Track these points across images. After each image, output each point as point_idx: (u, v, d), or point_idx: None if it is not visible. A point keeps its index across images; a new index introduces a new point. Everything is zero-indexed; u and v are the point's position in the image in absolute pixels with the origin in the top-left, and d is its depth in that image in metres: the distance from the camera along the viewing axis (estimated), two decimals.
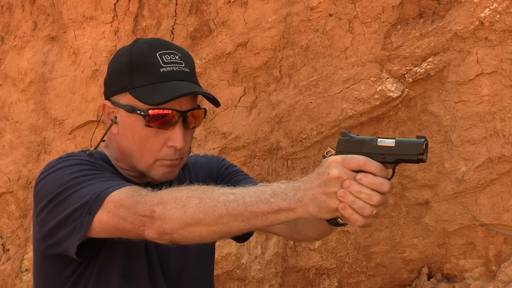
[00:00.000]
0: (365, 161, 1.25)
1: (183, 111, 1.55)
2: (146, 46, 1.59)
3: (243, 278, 2.38)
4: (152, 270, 1.61)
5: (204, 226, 1.33)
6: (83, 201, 1.43)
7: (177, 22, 2.55)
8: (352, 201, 1.23)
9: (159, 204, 1.36)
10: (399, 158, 1.28)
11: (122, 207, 1.39)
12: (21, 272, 2.98)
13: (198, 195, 1.34)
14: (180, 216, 1.33)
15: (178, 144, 1.56)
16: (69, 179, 1.48)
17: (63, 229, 1.47)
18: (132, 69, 1.57)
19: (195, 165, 1.83)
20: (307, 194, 1.26)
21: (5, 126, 3.10)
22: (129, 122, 1.57)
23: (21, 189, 3.03)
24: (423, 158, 1.27)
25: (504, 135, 1.88)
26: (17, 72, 3.06)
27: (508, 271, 1.91)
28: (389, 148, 1.28)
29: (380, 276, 2.15)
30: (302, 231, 1.66)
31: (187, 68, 1.60)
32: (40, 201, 1.53)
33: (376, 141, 1.29)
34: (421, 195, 2.04)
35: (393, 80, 2.03)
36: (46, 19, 2.98)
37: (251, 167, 2.35)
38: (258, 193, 1.30)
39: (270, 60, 2.30)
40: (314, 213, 1.26)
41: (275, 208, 1.28)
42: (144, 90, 1.54)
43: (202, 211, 1.32)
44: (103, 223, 1.42)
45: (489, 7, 1.88)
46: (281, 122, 2.25)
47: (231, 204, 1.30)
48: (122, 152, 1.62)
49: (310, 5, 2.19)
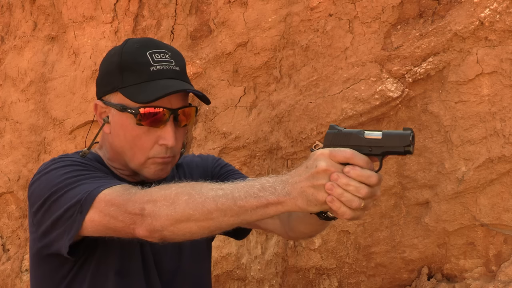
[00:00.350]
0: (352, 154, 1.26)
1: (173, 109, 1.56)
2: (136, 46, 1.61)
3: (243, 278, 2.38)
4: (147, 269, 1.62)
5: (194, 222, 1.33)
6: (74, 200, 1.44)
7: (177, 22, 2.55)
8: (340, 193, 1.23)
9: (149, 202, 1.36)
10: (386, 150, 1.28)
11: (113, 206, 1.40)
12: (21, 272, 2.98)
13: (187, 191, 1.35)
14: (170, 213, 1.34)
15: (169, 142, 1.56)
16: (61, 180, 1.49)
17: (56, 229, 1.48)
18: (122, 69, 1.58)
19: (190, 164, 1.83)
20: (295, 188, 1.27)
21: (5, 126, 3.10)
22: (121, 121, 1.58)
23: (21, 189, 3.03)
24: (410, 149, 1.27)
25: (504, 135, 1.88)
26: (17, 72, 3.06)
27: (508, 271, 1.91)
28: (376, 141, 1.29)
29: (380, 276, 2.15)
30: (295, 228, 1.67)
31: (177, 66, 1.60)
32: (34, 202, 1.54)
33: (363, 133, 1.30)
34: (421, 195, 2.04)
35: (393, 80, 2.03)
36: (46, 19, 2.98)
37: (251, 167, 2.35)
38: (247, 188, 1.31)
39: (270, 60, 2.30)
40: (303, 206, 1.27)
41: (264, 202, 1.28)
42: (134, 88, 1.55)
43: (192, 207, 1.33)
44: (95, 222, 1.42)
45: (489, 7, 1.88)
46: (281, 122, 2.25)
47: (220, 199, 1.31)
48: (114, 151, 1.63)
49: (310, 5, 2.19)
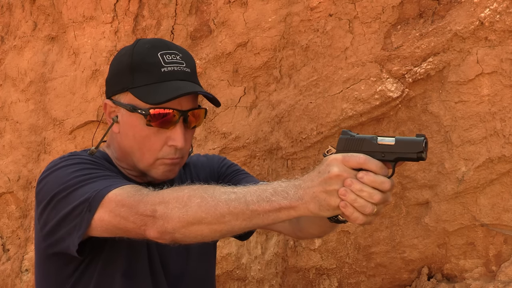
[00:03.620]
0: (366, 159, 1.26)
1: (183, 111, 1.56)
2: (147, 46, 1.60)
3: (243, 278, 2.38)
4: (153, 270, 1.62)
5: (206, 225, 1.33)
6: (83, 198, 1.44)
7: (177, 22, 2.55)
8: (353, 199, 1.23)
9: (161, 203, 1.36)
10: (399, 156, 1.28)
11: (123, 207, 1.39)
12: (21, 272, 2.98)
13: (200, 194, 1.34)
14: (182, 215, 1.34)
15: (179, 143, 1.56)
16: (70, 178, 1.49)
17: (63, 227, 1.48)
18: (133, 69, 1.57)
19: (196, 164, 1.83)
20: (308, 192, 1.27)
21: (5, 126, 3.10)
22: (130, 121, 1.58)
23: (21, 189, 3.03)
24: (423, 156, 1.27)
25: (504, 135, 1.88)
26: (17, 72, 3.06)
27: (508, 271, 1.91)
28: (389, 147, 1.29)
29: (380, 276, 2.15)
30: (304, 229, 1.67)
31: (188, 68, 1.60)
32: (41, 200, 1.54)
33: (376, 139, 1.30)
34: (421, 195, 2.04)
35: (393, 80, 2.03)
36: (46, 19, 2.98)
37: (251, 167, 2.35)
38: (259, 192, 1.30)
39: (270, 60, 2.30)
40: (315, 211, 1.27)
41: (277, 207, 1.28)
42: (145, 89, 1.55)
43: (204, 210, 1.32)
44: (105, 222, 1.42)
45: (489, 7, 1.88)
46: (281, 122, 2.25)
47: (232, 203, 1.31)
48: (123, 151, 1.62)
49: (310, 5, 2.19)
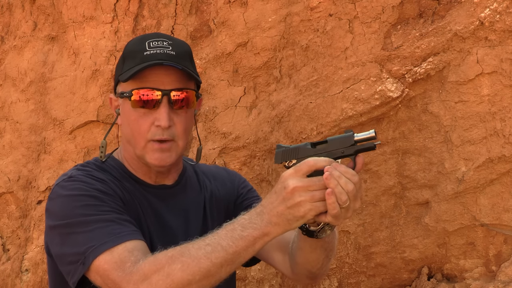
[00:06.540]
0: (315, 160, 1.35)
1: (166, 90, 1.57)
2: (139, 37, 1.66)
3: (243, 278, 2.38)
4: None
5: (196, 285, 1.37)
6: (80, 250, 1.46)
7: (177, 22, 2.55)
8: (335, 184, 1.30)
9: (143, 280, 1.38)
10: (358, 148, 1.38)
11: (109, 280, 1.42)
12: (21, 272, 2.98)
13: (178, 259, 1.38)
14: (169, 285, 1.36)
15: (162, 122, 1.57)
16: (73, 215, 1.51)
17: (62, 263, 1.53)
18: (124, 59, 1.63)
19: (216, 177, 1.83)
20: (273, 214, 1.34)
21: (5, 126, 3.09)
22: (123, 108, 1.63)
23: (21, 189, 3.03)
24: (375, 145, 1.36)
25: (504, 135, 1.88)
26: (17, 72, 3.06)
27: (508, 271, 1.91)
28: (323, 147, 1.40)
29: (380, 276, 2.15)
30: (297, 259, 1.65)
31: (174, 51, 1.60)
32: (47, 219, 1.58)
33: (309, 145, 1.41)
34: (421, 195, 2.04)
35: (393, 80, 2.03)
36: (46, 19, 2.98)
37: (251, 167, 2.35)
38: (230, 233, 1.36)
39: (270, 60, 2.30)
40: (287, 228, 1.34)
41: (251, 240, 1.35)
42: (126, 72, 1.59)
43: (189, 273, 1.36)
44: (97, 282, 1.46)
45: (489, 7, 1.88)
46: (281, 122, 2.25)
47: (212, 255, 1.36)
48: (126, 142, 1.66)
49: (310, 5, 2.18)
